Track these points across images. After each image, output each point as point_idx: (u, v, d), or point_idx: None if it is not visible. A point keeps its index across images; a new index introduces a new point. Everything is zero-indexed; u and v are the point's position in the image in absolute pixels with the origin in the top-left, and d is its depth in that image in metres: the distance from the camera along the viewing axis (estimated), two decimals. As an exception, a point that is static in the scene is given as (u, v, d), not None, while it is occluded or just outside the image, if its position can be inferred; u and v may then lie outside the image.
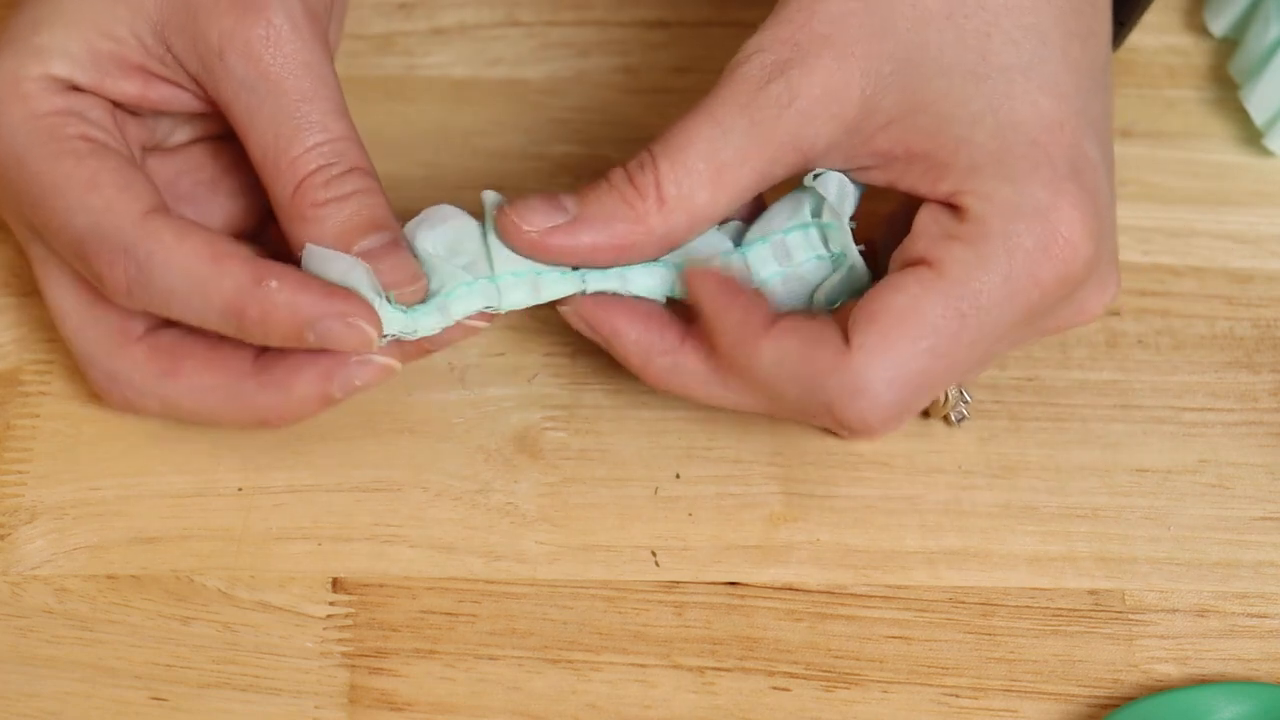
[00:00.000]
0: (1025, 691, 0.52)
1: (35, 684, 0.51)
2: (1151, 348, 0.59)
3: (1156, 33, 0.66)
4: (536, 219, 0.50)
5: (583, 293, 0.51)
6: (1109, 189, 0.50)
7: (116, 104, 0.52)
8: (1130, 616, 0.53)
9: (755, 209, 0.53)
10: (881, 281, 0.50)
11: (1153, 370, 0.58)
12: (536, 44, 0.65)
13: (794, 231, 0.52)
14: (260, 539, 0.54)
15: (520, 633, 0.53)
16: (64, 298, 0.52)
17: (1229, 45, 0.65)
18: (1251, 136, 0.63)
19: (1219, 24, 0.65)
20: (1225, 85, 0.65)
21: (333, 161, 0.50)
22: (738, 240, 0.53)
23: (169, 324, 0.52)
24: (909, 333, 0.49)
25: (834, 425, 0.50)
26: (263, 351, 0.51)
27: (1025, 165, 0.48)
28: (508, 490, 0.55)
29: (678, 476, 0.55)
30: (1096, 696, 0.52)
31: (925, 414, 0.56)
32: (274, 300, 0.49)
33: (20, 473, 0.55)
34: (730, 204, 0.50)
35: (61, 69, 0.50)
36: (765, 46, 0.50)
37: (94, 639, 0.52)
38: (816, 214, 0.52)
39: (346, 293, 0.49)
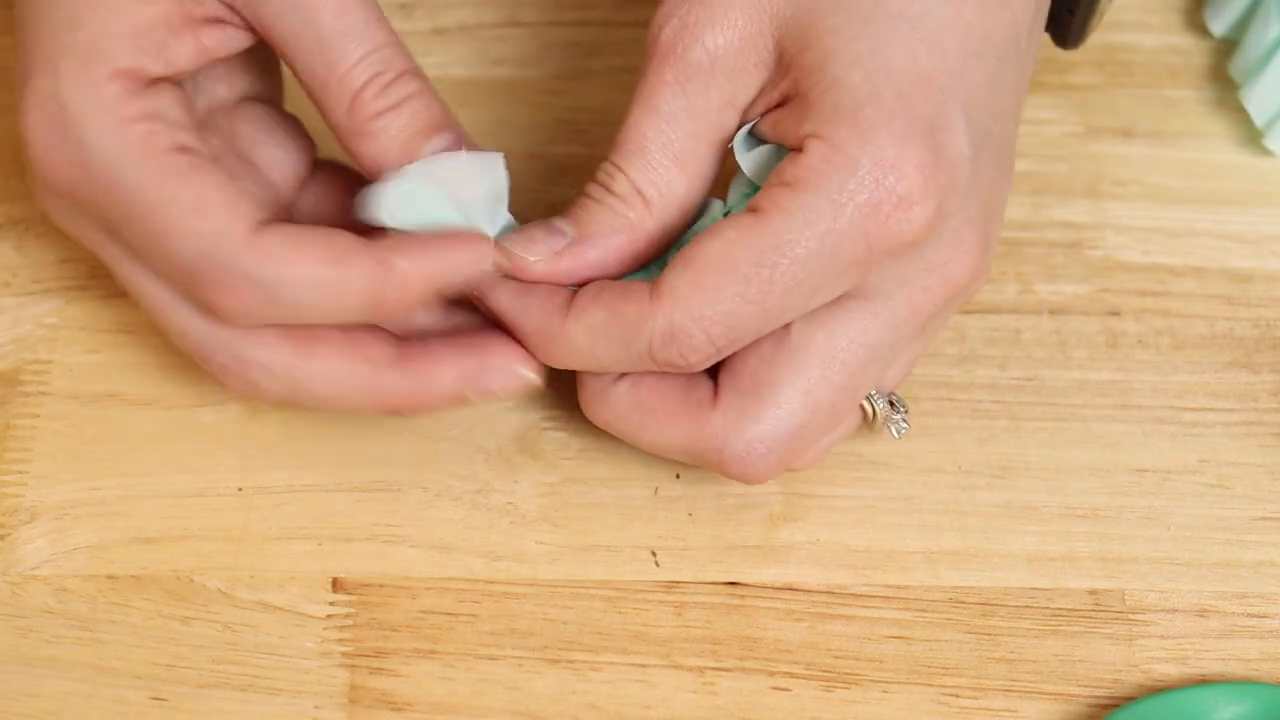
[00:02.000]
0: (1025, 691, 0.52)
1: (35, 684, 0.51)
2: (1151, 348, 0.59)
3: (1156, 33, 0.66)
4: (538, 247, 0.50)
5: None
6: (971, 154, 0.49)
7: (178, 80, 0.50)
8: (1130, 616, 0.53)
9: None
10: (707, 229, 0.49)
11: (1153, 370, 0.58)
12: (538, 44, 0.65)
13: (738, 204, 0.52)
14: (260, 539, 0.54)
15: (520, 633, 0.53)
16: (166, 292, 0.51)
17: (1229, 45, 0.65)
18: (1251, 136, 0.63)
19: (1219, 24, 0.65)
20: (1225, 85, 0.65)
21: (381, 70, 0.49)
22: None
23: None
24: (720, 280, 0.48)
25: (659, 374, 0.51)
26: (403, 342, 0.51)
27: (883, 115, 0.47)
28: (508, 490, 0.55)
29: (678, 476, 0.55)
30: (1096, 696, 0.52)
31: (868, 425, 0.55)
32: (406, 276, 0.49)
33: (20, 473, 0.55)
34: (706, 181, 0.51)
35: (124, 59, 0.48)
36: (674, 12, 0.50)
37: (94, 639, 0.52)
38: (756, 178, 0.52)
39: (456, 236, 0.49)
